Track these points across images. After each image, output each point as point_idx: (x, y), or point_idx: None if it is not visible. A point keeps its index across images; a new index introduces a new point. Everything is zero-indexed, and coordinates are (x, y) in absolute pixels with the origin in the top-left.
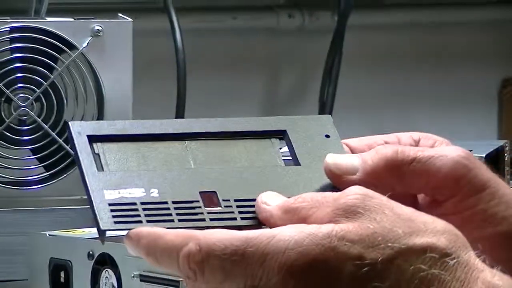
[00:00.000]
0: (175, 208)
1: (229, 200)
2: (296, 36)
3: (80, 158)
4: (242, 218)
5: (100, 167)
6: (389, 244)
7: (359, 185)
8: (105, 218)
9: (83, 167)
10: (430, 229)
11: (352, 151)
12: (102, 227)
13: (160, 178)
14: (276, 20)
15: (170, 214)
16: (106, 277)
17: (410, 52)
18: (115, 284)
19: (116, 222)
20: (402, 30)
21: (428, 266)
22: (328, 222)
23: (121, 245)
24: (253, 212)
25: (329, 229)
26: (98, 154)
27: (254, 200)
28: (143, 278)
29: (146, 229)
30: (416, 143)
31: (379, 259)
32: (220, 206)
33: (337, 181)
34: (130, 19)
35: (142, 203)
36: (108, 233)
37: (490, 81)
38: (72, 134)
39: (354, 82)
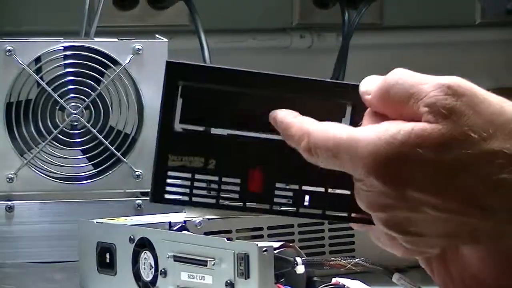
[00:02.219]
0: (222, 189)
1: (271, 184)
2: (306, 54)
3: (161, 110)
4: (274, 205)
5: (175, 122)
6: (463, 151)
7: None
8: (158, 190)
9: (160, 121)
10: (505, 132)
11: None
12: (150, 200)
13: (222, 147)
14: (289, 40)
15: (215, 196)
16: (145, 258)
17: (405, 68)
18: (153, 264)
19: (166, 197)
20: (399, 50)
21: (497, 170)
22: (415, 119)
23: (158, 230)
24: (288, 198)
25: (406, 135)
26: (179, 100)
27: (295, 190)
28: (176, 259)
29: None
30: None
31: (452, 162)
32: (261, 190)
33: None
34: (166, 40)
35: (196, 177)
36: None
37: None
38: (166, 75)
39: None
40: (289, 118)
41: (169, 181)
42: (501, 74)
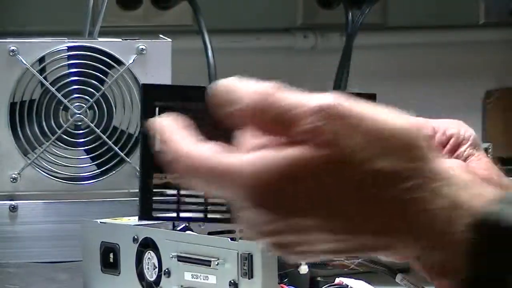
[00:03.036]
0: (209, 202)
1: None
2: (310, 54)
3: (141, 131)
4: None
5: (156, 141)
6: (345, 174)
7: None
8: (145, 209)
9: (141, 144)
10: (392, 148)
11: None
12: (139, 219)
13: None
14: (293, 40)
15: (203, 210)
16: (149, 258)
17: (408, 68)
18: (156, 264)
19: (154, 215)
20: (403, 50)
21: (386, 187)
22: (292, 140)
23: (161, 230)
24: None
25: (283, 163)
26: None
27: None
28: (180, 259)
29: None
30: (448, 139)
31: (334, 187)
32: None
33: None
34: (170, 40)
35: (182, 193)
36: None
37: (476, 93)
38: (143, 98)
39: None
40: (169, 133)
41: (155, 198)
42: (504, 74)
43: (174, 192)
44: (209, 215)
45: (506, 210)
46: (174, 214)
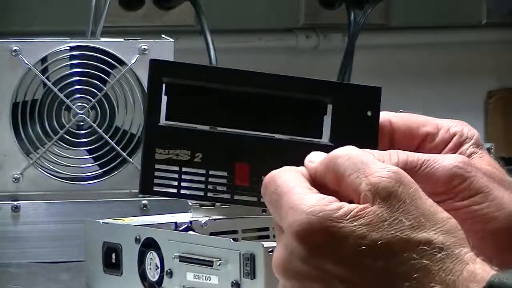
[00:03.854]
0: (209, 181)
1: (258, 177)
2: (312, 54)
3: (147, 107)
4: (262, 198)
5: (160, 117)
6: (392, 232)
7: None
8: (146, 182)
9: (146, 117)
10: (435, 227)
11: (393, 128)
12: (139, 192)
13: (208, 142)
14: (295, 40)
15: (203, 188)
16: (151, 258)
17: (411, 68)
18: (158, 264)
19: (155, 189)
20: (405, 50)
21: (419, 256)
22: (354, 195)
23: (164, 230)
24: None
25: (345, 210)
26: (163, 96)
27: None
28: (182, 259)
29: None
30: (451, 137)
31: (378, 243)
32: (248, 183)
33: None
34: (172, 40)
35: (184, 170)
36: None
37: (478, 93)
38: (150, 73)
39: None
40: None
41: (156, 173)
42: (506, 74)
43: (176, 168)
44: (209, 194)
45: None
46: (175, 190)
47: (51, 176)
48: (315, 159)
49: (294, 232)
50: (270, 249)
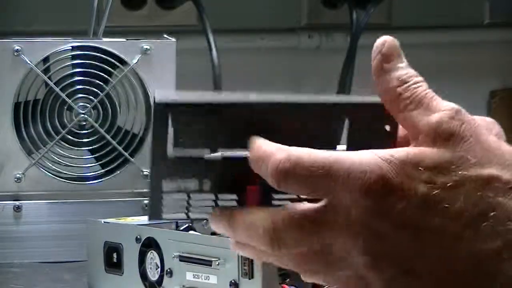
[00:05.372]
0: (219, 205)
1: (268, 197)
2: (315, 54)
3: (152, 138)
4: None
5: (166, 150)
6: (459, 172)
7: None
8: (155, 210)
9: (152, 149)
10: (502, 162)
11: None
12: (148, 219)
13: (216, 168)
14: (298, 40)
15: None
16: (151, 257)
17: (413, 68)
18: (159, 264)
19: (164, 216)
20: (407, 50)
21: (493, 194)
22: (413, 130)
23: (164, 230)
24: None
25: (404, 156)
26: (170, 128)
27: (293, 199)
28: (182, 258)
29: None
30: None
31: (448, 184)
32: (259, 203)
33: None
34: (174, 40)
35: (192, 197)
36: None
37: (480, 93)
38: (155, 106)
39: (364, 94)
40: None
41: (165, 202)
42: (509, 74)
43: (185, 196)
44: None
45: None
46: (184, 215)
47: (53, 176)
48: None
49: (360, 190)
50: None
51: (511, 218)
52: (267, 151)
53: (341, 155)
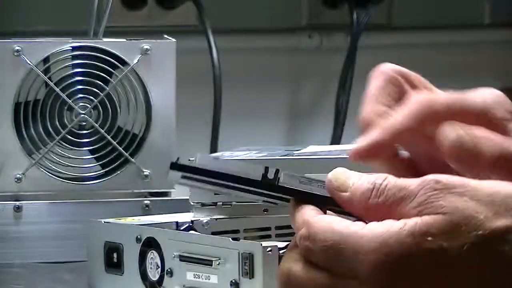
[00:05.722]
0: None
1: None
2: (315, 54)
3: None
4: None
5: None
6: (473, 232)
7: None
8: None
9: None
10: (510, 207)
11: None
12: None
13: None
14: (298, 40)
15: None
16: (152, 257)
17: (414, 68)
18: (159, 264)
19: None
20: (408, 50)
21: (510, 247)
22: (412, 217)
23: (164, 230)
24: None
25: (412, 226)
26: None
27: None
28: (182, 258)
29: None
30: None
31: (464, 247)
32: None
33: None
34: (174, 40)
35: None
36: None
37: None
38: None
39: (364, 94)
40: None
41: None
42: (509, 74)
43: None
44: None
45: None
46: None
47: (53, 176)
48: (345, 186)
49: (368, 267)
50: (269, 248)
51: None
52: (297, 224)
53: (351, 232)
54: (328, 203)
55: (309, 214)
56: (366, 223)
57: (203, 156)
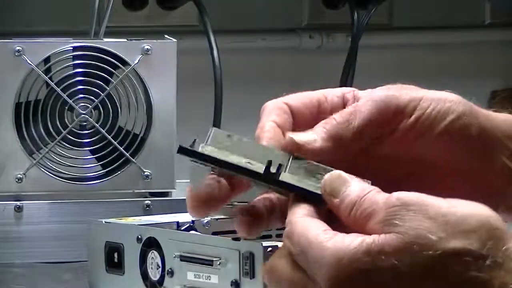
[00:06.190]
0: None
1: None
2: (316, 54)
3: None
4: None
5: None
6: (424, 253)
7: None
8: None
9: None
10: (463, 229)
11: (292, 111)
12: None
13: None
14: (299, 40)
15: None
16: (152, 257)
17: (413, 69)
18: (160, 264)
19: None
20: (408, 50)
21: (464, 269)
22: (377, 233)
23: (165, 230)
24: None
25: (369, 244)
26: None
27: None
28: (183, 258)
29: None
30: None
31: (416, 267)
32: None
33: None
34: (175, 40)
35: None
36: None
37: (481, 93)
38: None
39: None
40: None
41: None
42: (510, 74)
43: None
44: None
45: None
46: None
47: (54, 176)
48: (337, 191)
49: (327, 277)
50: (269, 248)
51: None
52: (286, 221)
53: (318, 241)
54: (325, 201)
55: (297, 213)
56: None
57: (217, 132)
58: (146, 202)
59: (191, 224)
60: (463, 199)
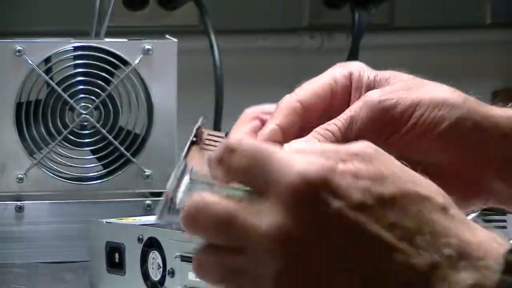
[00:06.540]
0: None
1: None
2: (316, 55)
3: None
4: None
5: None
6: (396, 184)
7: None
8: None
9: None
10: (430, 187)
11: (304, 107)
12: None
13: None
14: (299, 41)
15: None
16: (153, 257)
17: (414, 69)
18: (161, 264)
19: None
20: (409, 50)
21: (427, 211)
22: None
23: (166, 230)
24: None
25: (344, 166)
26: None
27: None
28: (184, 258)
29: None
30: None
31: (385, 195)
32: None
33: None
34: (176, 40)
35: None
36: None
37: (482, 93)
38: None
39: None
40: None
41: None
42: (510, 74)
43: None
44: None
45: None
46: None
47: (55, 176)
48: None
49: (294, 191)
50: None
51: (448, 235)
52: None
53: (273, 151)
54: None
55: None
56: None
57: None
58: (147, 202)
59: None
60: (458, 197)
